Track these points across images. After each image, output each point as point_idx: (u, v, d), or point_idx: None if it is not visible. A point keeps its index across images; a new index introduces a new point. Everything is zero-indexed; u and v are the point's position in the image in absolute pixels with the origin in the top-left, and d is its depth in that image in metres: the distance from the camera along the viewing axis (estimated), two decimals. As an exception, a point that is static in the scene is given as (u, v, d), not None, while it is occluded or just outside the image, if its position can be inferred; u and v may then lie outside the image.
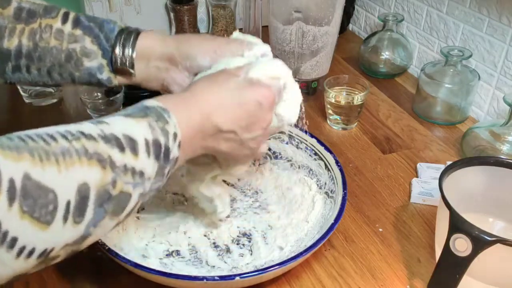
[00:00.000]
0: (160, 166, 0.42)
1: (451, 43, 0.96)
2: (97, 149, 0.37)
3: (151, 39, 0.57)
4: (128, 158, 0.39)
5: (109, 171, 0.37)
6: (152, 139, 0.41)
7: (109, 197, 0.37)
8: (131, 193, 0.39)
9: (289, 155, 0.75)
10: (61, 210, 0.34)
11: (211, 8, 1.21)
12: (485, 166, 0.58)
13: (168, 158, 0.43)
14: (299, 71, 0.94)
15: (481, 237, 0.47)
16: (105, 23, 0.57)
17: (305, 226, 0.65)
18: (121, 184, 0.38)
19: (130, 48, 0.56)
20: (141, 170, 0.40)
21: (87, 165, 0.36)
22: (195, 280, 0.51)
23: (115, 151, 0.38)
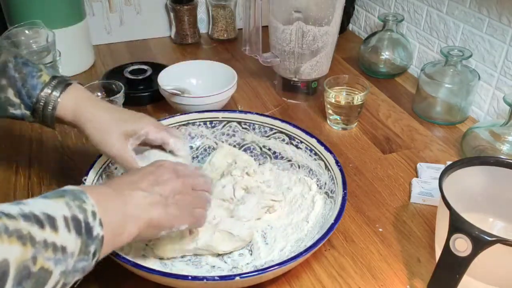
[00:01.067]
0: (84, 242, 0.42)
1: (451, 43, 0.96)
2: (17, 226, 0.37)
3: (72, 103, 0.61)
4: (48, 233, 0.39)
5: (29, 247, 0.37)
6: (70, 215, 0.41)
7: (28, 274, 0.37)
8: (52, 270, 0.39)
9: (289, 155, 0.75)
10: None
11: (211, 8, 1.21)
12: (485, 166, 0.58)
13: (91, 235, 0.43)
14: (299, 71, 0.94)
15: (481, 237, 0.46)
16: (29, 77, 0.59)
17: (305, 226, 0.65)
18: (41, 260, 0.38)
19: (50, 110, 0.60)
20: (62, 245, 0.40)
21: (8, 242, 0.36)
22: (195, 280, 0.51)
23: (35, 228, 0.38)
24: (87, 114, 0.61)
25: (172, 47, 1.21)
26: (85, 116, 0.61)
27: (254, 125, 0.78)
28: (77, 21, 1.03)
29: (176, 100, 0.86)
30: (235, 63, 1.11)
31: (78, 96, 0.62)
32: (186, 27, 1.19)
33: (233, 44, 1.22)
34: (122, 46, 1.19)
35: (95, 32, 1.15)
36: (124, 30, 1.20)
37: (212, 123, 0.79)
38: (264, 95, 1.00)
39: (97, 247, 0.44)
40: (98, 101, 0.63)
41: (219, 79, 0.92)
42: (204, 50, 1.20)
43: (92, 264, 0.44)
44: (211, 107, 0.84)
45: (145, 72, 0.98)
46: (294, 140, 0.75)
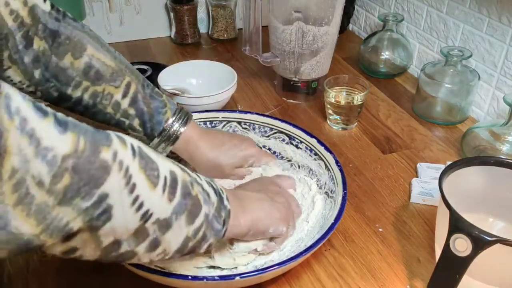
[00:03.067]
0: (218, 202, 0.48)
1: (451, 43, 0.96)
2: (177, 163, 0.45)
3: (186, 140, 0.67)
4: (195, 176, 0.46)
5: (186, 174, 0.44)
6: (206, 180, 0.48)
7: (189, 193, 0.43)
8: (201, 204, 0.45)
9: (289, 155, 0.75)
10: (162, 179, 0.40)
11: (211, 8, 1.21)
12: (485, 166, 0.58)
13: (222, 201, 0.49)
14: (299, 71, 0.94)
15: (481, 237, 0.46)
16: (156, 113, 0.65)
17: (305, 226, 0.65)
18: (196, 189, 0.45)
19: (170, 146, 0.67)
20: (207, 190, 0.46)
21: (172, 164, 0.43)
22: (195, 280, 0.51)
23: (188, 170, 0.46)
24: (200, 154, 0.68)
25: (172, 47, 1.21)
26: (197, 155, 0.68)
27: (254, 125, 0.78)
28: (77, 21, 1.03)
29: (176, 100, 0.85)
30: (235, 63, 1.11)
31: (194, 134, 0.68)
32: (186, 27, 1.19)
33: (233, 44, 1.22)
34: (122, 46, 1.19)
35: (95, 32, 1.15)
36: (124, 30, 1.20)
37: (212, 123, 0.79)
38: (264, 95, 1.00)
39: (226, 217, 0.49)
40: (208, 139, 0.69)
41: (219, 79, 0.92)
42: (204, 50, 1.20)
43: (222, 233, 0.49)
44: (211, 107, 0.84)
45: (145, 72, 0.98)
46: (294, 140, 0.75)
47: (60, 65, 0.58)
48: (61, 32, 0.58)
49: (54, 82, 0.58)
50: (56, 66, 0.58)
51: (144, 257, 0.42)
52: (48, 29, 0.56)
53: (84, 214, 0.34)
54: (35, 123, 0.30)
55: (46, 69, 0.57)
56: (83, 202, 0.33)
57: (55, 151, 0.31)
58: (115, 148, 0.36)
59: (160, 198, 0.40)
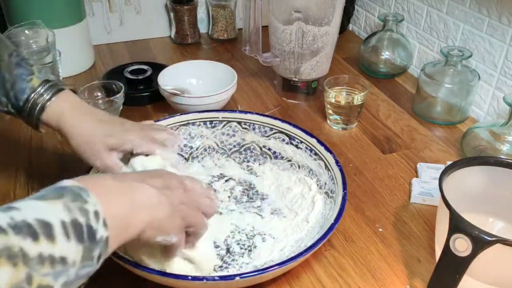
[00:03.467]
0: (86, 248, 0.38)
1: (451, 43, 0.96)
2: (6, 243, 0.33)
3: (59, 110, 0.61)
4: (44, 246, 0.35)
5: (22, 267, 0.33)
6: (69, 220, 0.37)
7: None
8: (52, 285, 0.35)
9: (289, 155, 0.75)
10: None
11: (211, 8, 1.21)
12: (485, 166, 0.58)
13: (94, 239, 0.39)
14: (299, 71, 0.94)
15: (481, 237, 0.46)
16: (19, 80, 0.59)
17: (305, 226, 0.65)
18: (38, 278, 0.34)
19: (36, 113, 0.60)
20: (62, 256, 0.36)
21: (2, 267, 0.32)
22: (195, 280, 0.51)
23: (28, 241, 0.34)
24: (71, 126, 0.61)
25: (172, 47, 1.21)
26: (69, 127, 0.61)
27: (254, 125, 0.78)
28: (77, 21, 1.03)
29: (176, 100, 0.86)
30: (235, 63, 1.11)
31: (67, 104, 0.61)
32: (186, 27, 1.19)
33: (233, 44, 1.22)
34: (122, 46, 1.19)
35: (95, 32, 1.15)
36: (124, 30, 1.20)
37: (212, 123, 0.79)
38: (264, 95, 1.00)
39: (102, 250, 0.40)
40: (85, 111, 0.62)
41: (219, 79, 0.92)
42: (204, 50, 1.20)
43: (97, 267, 0.41)
44: (211, 107, 0.84)
45: (145, 72, 0.98)
46: (294, 140, 0.75)
47: None
48: None
49: None
50: None
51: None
52: None
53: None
54: None
55: None
56: None
57: None
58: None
59: None
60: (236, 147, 0.78)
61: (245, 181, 0.75)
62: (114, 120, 0.64)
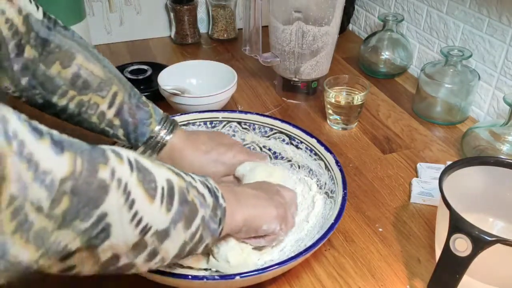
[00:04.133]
0: (214, 202, 0.47)
1: (451, 43, 0.96)
2: (169, 167, 0.45)
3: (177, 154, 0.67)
4: (190, 180, 0.46)
5: (182, 180, 0.44)
6: (200, 179, 0.48)
7: (186, 199, 0.43)
8: (198, 208, 0.44)
9: (289, 155, 0.75)
10: (159, 191, 0.40)
11: (211, 8, 1.21)
12: (485, 166, 0.58)
13: (218, 200, 0.48)
14: (299, 71, 0.94)
15: (481, 237, 0.46)
16: (141, 124, 0.64)
17: (305, 226, 0.65)
18: (192, 193, 0.44)
19: (154, 154, 0.67)
20: (202, 193, 0.46)
21: (168, 171, 0.43)
22: (195, 279, 0.51)
23: (182, 173, 0.46)
24: (184, 164, 0.66)
25: (172, 47, 1.21)
26: (182, 165, 0.66)
27: (254, 125, 0.78)
28: (77, 21, 1.03)
29: (176, 100, 0.86)
30: (235, 63, 1.11)
31: (177, 140, 0.67)
32: (186, 27, 1.19)
33: (233, 44, 1.22)
34: (122, 46, 1.19)
35: (95, 32, 1.15)
36: (124, 30, 1.20)
37: (212, 123, 0.79)
38: (264, 95, 1.00)
39: (222, 216, 0.48)
40: (193, 144, 0.68)
41: (219, 79, 0.92)
42: (204, 50, 1.20)
43: (218, 233, 0.48)
44: (211, 107, 0.84)
45: (145, 72, 0.98)
46: (294, 140, 0.75)
47: (47, 74, 0.57)
48: (51, 41, 0.57)
49: (40, 90, 0.58)
50: (44, 74, 0.57)
51: (142, 267, 0.42)
52: (39, 38, 0.56)
53: (83, 235, 0.33)
54: (33, 146, 0.30)
55: (34, 76, 0.57)
56: (82, 224, 0.33)
57: (53, 175, 0.30)
58: (112, 166, 0.35)
59: (158, 210, 0.40)
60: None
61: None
62: (219, 148, 0.69)
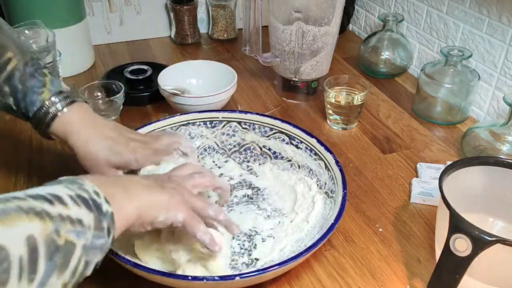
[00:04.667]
0: (96, 217, 0.42)
1: (451, 43, 0.96)
2: (29, 205, 0.37)
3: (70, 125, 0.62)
4: (60, 208, 0.39)
5: (49, 221, 0.37)
6: (74, 194, 0.42)
7: (56, 247, 0.37)
8: (75, 243, 0.39)
9: (289, 155, 0.75)
10: (15, 267, 0.33)
11: (211, 8, 1.21)
12: (485, 166, 0.58)
13: (101, 211, 0.43)
14: (299, 71, 0.94)
15: (481, 237, 0.46)
16: (31, 92, 0.60)
17: (305, 226, 0.65)
18: (64, 232, 0.38)
19: (45, 127, 0.62)
20: (78, 217, 0.40)
21: (27, 219, 0.36)
22: (195, 280, 0.51)
23: (46, 204, 0.38)
24: (77, 141, 0.62)
25: (172, 47, 1.21)
26: (75, 142, 0.62)
27: (254, 125, 0.78)
28: (77, 21, 1.03)
29: (176, 100, 0.86)
30: (235, 63, 1.11)
31: (76, 116, 0.62)
32: (186, 27, 1.19)
33: (233, 44, 1.22)
34: (122, 46, 1.19)
35: (95, 32, 1.15)
36: (124, 30, 1.20)
37: (212, 123, 0.79)
38: (264, 95, 1.00)
39: (110, 223, 0.44)
40: (93, 125, 0.63)
41: (219, 79, 0.92)
42: (204, 50, 1.20)
43: (109, 242, 0.44)
44: (211, 107, 0.84)
45: (145, 72, 0.98)
46: (294, 140, 0.75)
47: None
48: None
49: None
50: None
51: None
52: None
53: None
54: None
55: None
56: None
57: None
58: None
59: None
60: (236, 147, 0.78)
61: (245, 181, 0.75)
62: (120, 138, 0.64)
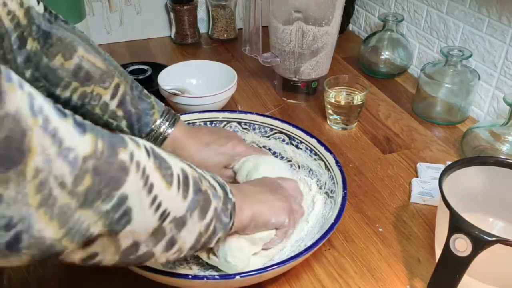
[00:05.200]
0: (224, 196, 0.48)
1: (451, 43, 0.96)
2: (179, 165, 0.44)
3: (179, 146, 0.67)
4: (201, 171, 0.46)
5: (194, 171, 0.44)
6: (209, 177, 0.48)
7: (199, 189, 0.43)
8: (211, 199, 0.45)
9: (289, 155, 0.75)
10: (175, 177, 0.40)
11: (211, 8, 1.21)
12: (485, 166, 0.58)
13: (227, 195, 0.48)
14: (299, 71, 0.94)
15: (481, 237, 0.47)
16: (144, 114, 0.65)
17: (305, 226, 0.65)
18: (204, 183, 0.45)
19: (158, 143, 0.66)
20: (212, 184, 0.46)
21: (180, 161, 0.43)
22: (195, 279, 0.51)
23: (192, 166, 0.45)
24: (187, 155, 0.67)
25: (172, 47, 1.21)
26: (185, 156, 0.66)
27: (254, 125, 0.78)
28: (77, 21, 1.03)
29: (176, 100, 0.86)
30: (235, 63, 1.11)
31: (180, 132, 0.67)
32: (186, 27, 1.19)
33: (233, 44, 1.22)
34: (122, 46, 1.19)
35: (95, 32, 1.15)
36: (124, 30, 1.20)
37: (212, 123, 0.79)
38: (264, 95, 1.00)
39: (232, 210, 0.49)
40: (195, 136, 0.68)
41: (219, 79, 0.92)
42: (204, 50, 1.20)
43: (230, 226, 0.49)
44: (211, 107, 0.84)
45: (145, 72, 0.98)
46: (294, 140, 0.75)
47: (50, 66, 0.58)
48: (53, 34, 0.58)
49: (44, 82, 0.58)
50: (47, 66, 0.58)
51: (161, 257, 0.42)
52: (41, 30, 0.57)
53: (105, 218, 0.33)
54: (57, 123, 0.30)
55: (37, 69, 0.58)
56: (103, 205, 0.33)
57: (76, 152, 0.31)
58: (131, 149, 0.36)
59: (175, 196, 0.40)
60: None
61: (245, 181, 0.75)
62: (219, 140, 0.70)
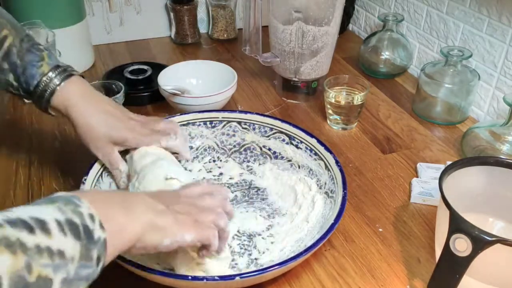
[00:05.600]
0: (84, 246, 0.38)
1: (451, 43, 0.96)
2: (4, 233, 0.33)
3: (67, 96, 0.63)
4: (40, 237, 0.35)
5: (21, 255, 0.33)
6: (64, 219, 0.37)
7: (25, 285, 0.33)
8: (51, 278, 0.35)
9: (289, 155, 0.75)
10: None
11: (211, 8, 1.21)
12: (485, 166, 0.58)
13: (92, 238, 0.38)
14: (299, 71, 0.94)
15: (481, 237, 0.47)
16: (30, 66, 0.61)
17: (305, 226, 0.65)
18: (37, 268, 0.34)
19: (45, 102, 0.63)
20: (59, 249, 0.36)
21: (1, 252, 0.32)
22: (195, 280, 0.51)
23: (24, 233, 0.34)
24: (78, 115, 0.63)
25: (172, 47, 1.21)
26: (76, 116, 0.63)
27: (254, 125, 0.78)
28: (77, 21, 1.03)
29: (176, 100, 0.86)
30: (235, 63, 1.11)
31: (76, 90, 0.64)
32: (186, 27, 1.19)
33: (233, 44, 1.22)
34: (122, 46, 1.19)
35: (95, 32, 1.15)
36: (124, 30, 1.20)
37: (212, 123, 0.79)
38: (264, 95, 1.00)
39: (101, 251, 0.40)
40: (93, 99, 0.65)
41: (219, 79, 0.92)
42: (204, 50, 1.20)
43: (98, 271, 0.40)
44: (211, 107, 0.84)
45: (145, 72, 0.98)
46: (294, 140, 0.75)
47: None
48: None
49: None
50: None
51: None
52: None
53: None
54: None
55: None
56: None
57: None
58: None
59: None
60: (236, 147, 0.78)
61: (245, 181, 0.75)
62: (120, 115, 0.66)
